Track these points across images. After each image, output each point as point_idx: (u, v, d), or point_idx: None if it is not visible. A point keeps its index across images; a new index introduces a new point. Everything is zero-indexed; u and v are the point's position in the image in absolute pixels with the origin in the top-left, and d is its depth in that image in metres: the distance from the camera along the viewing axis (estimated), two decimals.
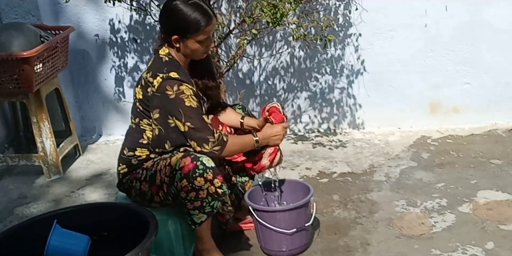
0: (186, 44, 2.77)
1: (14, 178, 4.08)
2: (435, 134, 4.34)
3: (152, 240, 2.35)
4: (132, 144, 2.89)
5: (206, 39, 2.78)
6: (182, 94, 2.70)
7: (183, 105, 2.69)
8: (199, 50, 2.81)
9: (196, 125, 2.69)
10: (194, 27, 2.72)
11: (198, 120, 2.70)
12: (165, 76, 2.72)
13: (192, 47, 2.78)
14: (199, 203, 2.68)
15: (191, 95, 2.72)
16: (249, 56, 4.31)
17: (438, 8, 4.14)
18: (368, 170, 3.87)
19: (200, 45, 2.78)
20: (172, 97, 2.69)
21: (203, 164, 2.63)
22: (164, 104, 2.72)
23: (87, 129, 4.69)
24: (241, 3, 4.10)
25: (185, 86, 2.72)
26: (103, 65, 4.49)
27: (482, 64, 4.27)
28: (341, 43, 4.29)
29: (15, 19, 4.17)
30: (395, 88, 4.38)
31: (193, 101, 2.72)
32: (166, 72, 2.73)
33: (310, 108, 4.50)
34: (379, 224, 3.23)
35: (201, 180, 2.63)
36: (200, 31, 2.74)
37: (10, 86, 3.75)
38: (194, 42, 2.76)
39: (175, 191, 2.69)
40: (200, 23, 2.72)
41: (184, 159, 2.65)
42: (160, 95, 2.71)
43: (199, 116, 2.72)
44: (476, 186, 3.55)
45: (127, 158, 2.89)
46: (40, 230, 2.55)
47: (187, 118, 2.69)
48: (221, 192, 2.70)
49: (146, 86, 2.77)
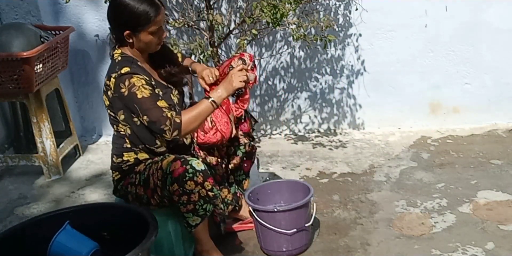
0: (139, 38, 2.75)
1: (14, 178, 4.08)
2: (435, 134, 4.34)
3: (152, 241, 2.35)
4: (118, 150, 2.90)
5: (158, 30, 2.76)
6: (133, 87, 2.67)
7: (136, 99, 2.66)
8: (153, 42, 2.79)
9: (151, 117, 2.66)
10: (144, 19, 2.69)
11: (152, 110, 2.66)
12: (117, 74, 2.71)
13: (146, 39, 2.76)
14: (192, 206, 2.69)
15: (143, 85, 2.69)
16: None
17: (438, 8, 4.14)
18: (368, 170, 3.87)
19: (153, 36, 2.76)
20: (126, 93, 2.68)
21: (192, 167, 2.64)
22: (122, 103, 2.72)
23: (87, 130, 4.69)
24: (241, 3, 4.10)
25: (135, 78, 2.69)
26: (103, 65, 4.49)
27: (482, 64, 4.27)
28: (341, 43, 4.29)
29: (15, 19, 4.18)
30: (395, 88, 4.37)
31: (145, 90, 2.68)
32: (118, 70, 2.72)
33: (310, 108, 4.50)
34: (379, 225, 3.22)
35: (192, 184, 2.64)
36: (151, 22, 2.71)
37: (10, 86, 3.75)
38: (146, 34, 2.74)
39: (168, 194, 2.70)
40: (150, 14, 2.69)
41: (174, 163, 2.65)
42: (118, 95, 2.71)
43: (153, 104, 2.67)
44: (476, 186, 3.55)
45: (117, 165, 2.91)
46: (41, 230, 2.55)
47: (142, 112, 2.66)
48: (212, 195, 2.70)
49: (106, 90, 2.77)
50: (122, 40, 2.78)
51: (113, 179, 2.96)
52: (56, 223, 2.61)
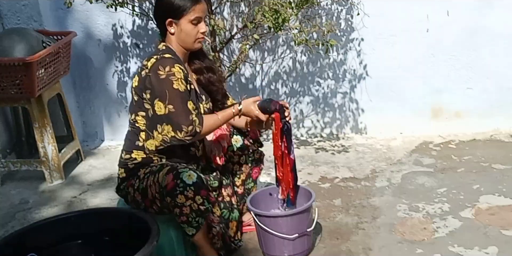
0: (180, 27, 2.78)
1: (16, 183, 4.09)
2: (437, 139, 4.34)
3: (154, 246, 2.35)
4: (129, 146, 2.90)
5: (198, 20, 2.79)
6: (173, 76, 2.70)
7: (170, 87, 2.69)
8: (193, 33, 2.80)
9: (177, 109, 2.68)
10: (184, 5, 2.75)
11: (181, 104, 2.69)
12: (159, 56, 2.75)
13: (186, 28, 2.78)
14: (185, 218, 2.70)
15: (181, 78, 2.72)
16: (251, 61, 4.32)
17: (439, 13, 4.14)
18: (370, 175, 3.86)
19: (194, 26, 2.79)
20: (163, 77, 2.70)
21: (183, 181, 2.63)
22: (153, 84, 2.72)
23: (89, 134, 4.69)
24: (243, 8, 4.11)
25: (177, 68, 2.72)
26: (105, 70, 4.50)
27: (484, 69, 4.27)
28: (343, 48, 4.29)
29: (17, 24, 4.19)
30: (397, 93, 4.37)
31: (181, 85, 2.71)
32: (161, 54, 2.76)
33: (312, 113, 4.50)
34: (381, 229, 3.22)
35: (182, 198, 2.65)
36: (190, 9, 2.75)
37: (12, 91, 3.76)
38: (187, 22, 2.77)
39: (166, 205, 2.72)
40: (189, 2, 2.76)
41: (167, 177, 2.66)
42: (151, 74, 2.72)
43: (183, 100, 2.71)
44: (478, 191, 3.54)
45: (124, 162, 2.91)
46: (42, 235, 2.55)
47: (170, 101, 2.68)
48: (203, 209, 2.71)
49: (141, 70, 2.79)
50: (165, 32, 2.83)
51: (118, 177, 2.96)
52: (58, 228, 2.61)
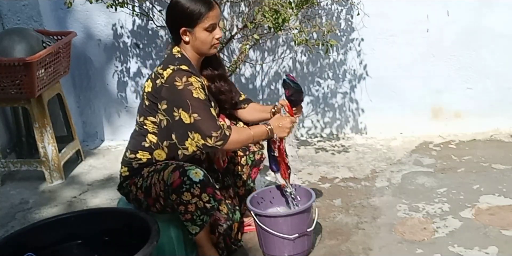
0: (195, 35, 2.77)
1: (16, 183, 4.09)
2: (437, 139, 4.34)
3: (154, 246, 2.34)
4: (135, 146, 2.89)
5: (213, 27, 2.78)
6: (191, 86, 2.69)
7: (191, 96, 2.68)
8: (208, 40, 2.79)
9: (202, 116, 2.66)
10: (197, 13, 2.73)
11: (205, 111, 2.68)
12: (176, 67, 2.73)
13: (201, 36, 2.77)
14: (189, 216, 2.70)
15: (199, 87, 2.72)
16: (252, 61, 4.32)
17: (439, 13, 4.14)
18: (370, 175, 3.86)
19: (208, 33, 2.78)
20: (180, 88, 2.69)
21: (189, 179, 2.63)
22: (171, 95, 2.71)
23: (89, 134, 4.69)
24: (243, 8, 4.10)
25: (194, 78, 2.72)
26: (106, 70, 4.50)
27: (484, 69, 4.27)
28: (343, 48, 4.29)
29: (17, 24, 4.19)
30: (397, 93, 4.37)
31: (200, 93, 2.71)
32: (177, 64, 2.75)
33: (312, 113, 4.50)
34: (381, 229, 3.22)
35: (188, 195, 2.64)
36: (204, 17, 2.74)
37: (12, 92, 3.76)
38: (201, 30, 2.76)
39: (171, 203, 2.72)
40: (202, 9, 2.73)
41: (174, 174, 2.66)
42: (168, 85, 2.71)
43: (206, 108, 2.70)
44: (478, 191, 3.54)
45: (128, 161, 2.90)
46: (42, 235, 2.55)
47: (194, 109, 2.67)
48: (209, 207, 2.70)
49: (155, 78, 2.77)
50: (179, 40, 2.82)
51: (121, 175, 2.96)
52: (58, 228, 2.61)
